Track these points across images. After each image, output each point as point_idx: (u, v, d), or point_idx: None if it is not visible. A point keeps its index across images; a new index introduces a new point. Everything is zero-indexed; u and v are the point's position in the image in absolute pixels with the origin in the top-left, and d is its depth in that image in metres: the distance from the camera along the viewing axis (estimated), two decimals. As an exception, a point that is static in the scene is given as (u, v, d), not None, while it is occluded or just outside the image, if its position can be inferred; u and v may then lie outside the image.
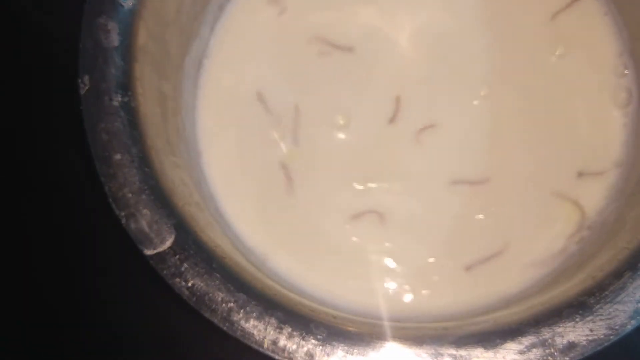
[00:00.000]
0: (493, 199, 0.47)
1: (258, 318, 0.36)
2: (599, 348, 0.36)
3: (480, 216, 0.47)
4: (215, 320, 0.36)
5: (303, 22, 0.50)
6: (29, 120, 0.54)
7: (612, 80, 0.48)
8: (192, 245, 0.37)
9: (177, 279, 0.37)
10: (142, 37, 0.41)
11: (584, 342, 0.36)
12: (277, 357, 0.35)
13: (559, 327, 0.36)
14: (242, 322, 0.36)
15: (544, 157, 0.47)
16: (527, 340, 0.36)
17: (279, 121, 0.48)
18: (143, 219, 0.37)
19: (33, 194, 0.53)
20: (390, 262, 0.46)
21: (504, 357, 0.35)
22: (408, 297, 0.45)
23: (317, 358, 0.35)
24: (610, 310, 0.36)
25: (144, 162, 0.39)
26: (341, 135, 0.48)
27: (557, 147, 0.47)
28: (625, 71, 0.48)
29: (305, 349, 0.35)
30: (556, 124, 0.48)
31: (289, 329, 0.36)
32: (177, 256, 0.37)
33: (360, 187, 0.47)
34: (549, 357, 0.35)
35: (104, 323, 0.51)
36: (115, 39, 0.40)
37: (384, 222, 0.47)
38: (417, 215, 0.47)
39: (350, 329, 0.37)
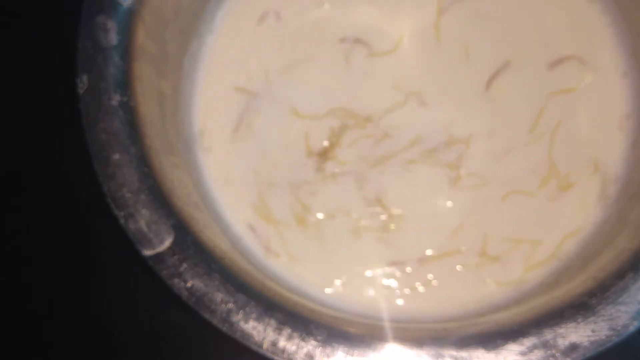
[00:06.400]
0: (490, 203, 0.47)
1: (257, 319, 0.36)
2: (600, 349, 0.35)
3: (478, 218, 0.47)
4: (215, 321, 0.36)
5: (302, 20, 0.50)
6: (28, 119, 0.53)
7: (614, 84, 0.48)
8: (191, 245, 0.37)
9: (176, 280, 0.36)
10: (141, 36, 0.41)
11: (586, 343, 0.35)
12: (276, 358, 0.35)
13: (561, 328, 0.36)
14: (242, 323, 0.36)
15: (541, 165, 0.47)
16: (528, 341, 0.36)
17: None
18: (142, 219, 0.37)
19: (31, 193, 0.53)
20: (390, 261, 0.46)
21: (505, 358, 0.35)
22: (408, 297, 0.45)
23: (317, 359, 0.35)
24: (613, 311, 0.36)
25: (143, 162, 0.38)
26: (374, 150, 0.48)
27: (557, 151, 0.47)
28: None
29: (305, 350, 0.35)
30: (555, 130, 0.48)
31: (289, 330, 0.36)
32: (176, 256, 0.37)
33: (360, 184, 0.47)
34: (551, 358, 0.35)
35: (103, 324, 0.51)
36: (114, 38, 0.40)
37: (383, 221, 0.47)
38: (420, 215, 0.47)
39: (351, 329, 0.36)
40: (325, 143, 0.48)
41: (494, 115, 0.48)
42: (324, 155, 0.47)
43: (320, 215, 0.47)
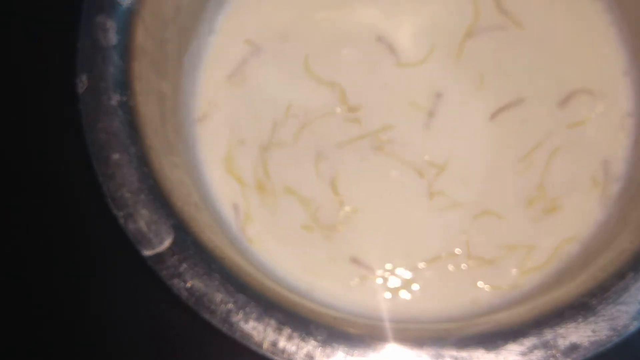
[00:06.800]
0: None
1: (257, 319, 0.36)
2: (601, 349, 0.35)
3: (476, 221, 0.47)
4: (214, 322, 0.36)
5: (303, 21, 0.50)
6: (27, 119, 0.53)
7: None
8: (191, 245, 0.37)
9: (176, 280, 0.36)
10: (141, 36, 0.41)
11: (586, 344, 0.35)
12: (276, 358, 0.35)
13: (561, 328, 0.36)
14: (242, 323, 0.36)
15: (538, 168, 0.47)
16: (529, 341, 0.36)
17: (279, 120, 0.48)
18: (141, 219, 0.37)
19: (31, 193, 0.53)
20: (389, 261, 0.46)
21: (505, 359, 0.35)
22: (408, 297, 0.45)
23: (317, 359, 0.35)
24: (613, 311, 0.36)
25: (143, 162, 0.38)
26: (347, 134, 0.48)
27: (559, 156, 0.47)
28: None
29: (305, 350, 0.35)
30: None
31: (289, 330, 0.36)
32: (176, 257, 0.37)
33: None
34: (551, 359, 0.35)
35: (103, 324, 0.51)
36: (113, 38, 0.40)
37: (377, 219, 0.47)
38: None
39: (351, 330, 0.36)
40: (305, 116, 0.48)
41: (487, 144, 0.47)
42: (300, 122, 0.47)
43: (279, 186, 0.47)
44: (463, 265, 0.46)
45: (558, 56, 0.48)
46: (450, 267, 0.46)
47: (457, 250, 0.46)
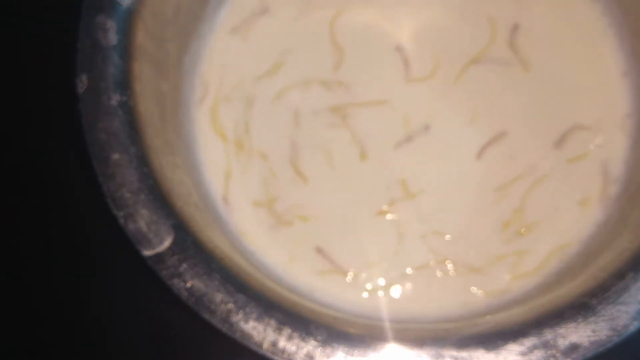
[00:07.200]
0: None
1: (257, 319, 0.36)
2: (601, 349, 0.35)
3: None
4: (214, 322, 0.36)
5: (302, 21, 0.50)
6: (26, 119, 0.53)
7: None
8: (191, 245, 0.37)
9: (176, 280, 0.36)
10: (141, 36, 0.41)
11: (586, 344, 0.35)
12: (276, 358, 0.35)
13: (561, 328, 0.36)
14: (242, 324, 0.36)
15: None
16: (528, 341, 0.36)
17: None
18: (141, 219, 0.37)
19: (30, 193, 0.53)
20: (389, 261, 0.46)
21: (505, 359, 0.35)
22: (407, 297, 0.45)
23: (317, 359, 0.35)
24: (613, 311, 0.36)
25: (143, 162, 0.38)
26: (344, 135, 0.48)
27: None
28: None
29: (305, 350, 0.35)
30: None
31: (289, 330, 0.36)
32: (176, 257, 0.37)
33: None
34: (551, 359, 0.35)
35: (103, 324, 0.51)
36: (113, 38, 0.40)
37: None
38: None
39: (351, 330, 0.36)
40: (297, 77, 0.48)
41: (470, 182, 0.47)
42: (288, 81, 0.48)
43: (256, 147, 0.47)
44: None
45: (559, 93, 0.48)
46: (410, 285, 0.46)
47: (408, 271, 0.46)
